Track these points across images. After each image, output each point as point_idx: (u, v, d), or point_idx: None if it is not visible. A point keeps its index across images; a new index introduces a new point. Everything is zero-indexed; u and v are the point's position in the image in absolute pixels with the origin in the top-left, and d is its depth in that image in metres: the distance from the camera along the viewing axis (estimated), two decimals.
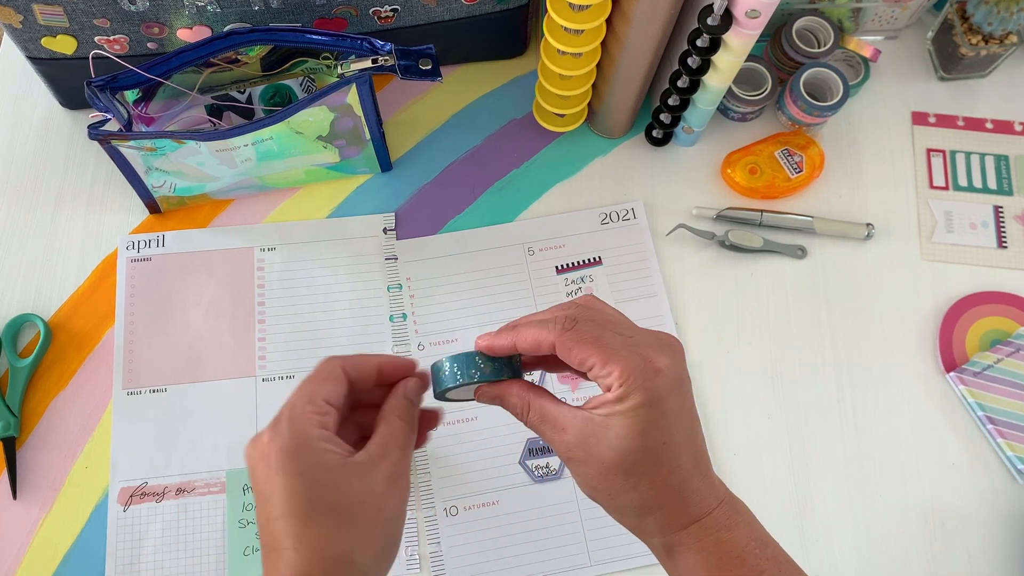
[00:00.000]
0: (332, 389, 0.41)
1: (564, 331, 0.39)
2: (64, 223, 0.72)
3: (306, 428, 0.39)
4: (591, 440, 0.39)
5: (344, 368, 0.42)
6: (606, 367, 0.38)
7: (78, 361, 0.67)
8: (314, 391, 0.41)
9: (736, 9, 0.58)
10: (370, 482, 0.39)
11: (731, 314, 0.71)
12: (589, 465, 0.39)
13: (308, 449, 0.39)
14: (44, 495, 0.63)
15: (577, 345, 0.39)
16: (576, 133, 0.76)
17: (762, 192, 0.74)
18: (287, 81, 0.70)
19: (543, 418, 0.41)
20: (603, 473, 0.39)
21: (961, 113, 0.79)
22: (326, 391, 0.41)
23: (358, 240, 0.72)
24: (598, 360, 0.38)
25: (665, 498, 0.39)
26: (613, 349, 0.38)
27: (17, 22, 0.62)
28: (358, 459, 0.39)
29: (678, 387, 0.39)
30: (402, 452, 0.41)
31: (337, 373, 0.42)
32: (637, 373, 0.38)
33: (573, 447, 0.39)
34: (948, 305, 0.71)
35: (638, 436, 0.38)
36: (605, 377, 0.38)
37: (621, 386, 0.38)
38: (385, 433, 0.41)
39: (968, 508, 0.65)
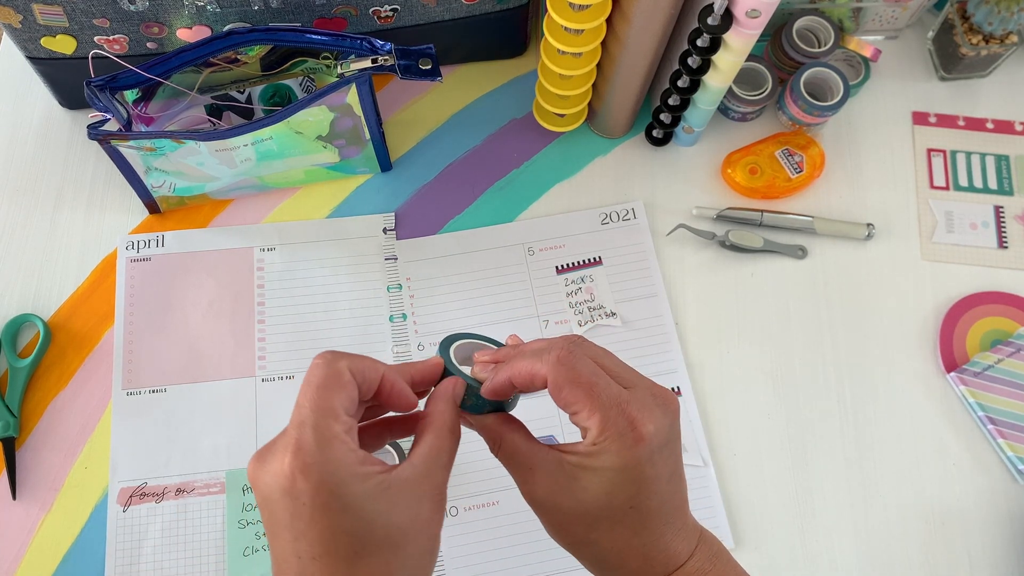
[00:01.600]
0: (347, 396, 0.35)
1: (559, 365, 0.36)
2: (64, 223, 0.72)
3: (340, 452, 0.33)
4: (558, 484, 0.37)
5: (352, 371, 0.36)
6: (591, 418, 0.36)
7: (78, 361, 0.67)
8: (331, 402, 0.34)
9: (736, 9, 0.58)
10: (418, 506, 0.34)
11: (731, 314, 0.71)
12: (551, 512, 0.38)
13: (349, 478, 0.33)
14: (44, 495, 0.63)
15: (568, 386, 0.36)
16: (576, 133, 0.76)
17: (762, 192, 0.74)
18: (287, 81, 0.70)
19: (514, 453, 0.38)
20: (565, 521, 0.37)
21: (962, 113, 0.79)
22: (343, 400, 0.35)
23: (358, 240, 0.72)
24: (584, 408, 0.36)
25: (627, 557, 0.37)
26: (601, 401, 0.36)
27: (17, 22, 0.62)
28: (403, 477, 0.34)
29: (659, 451, 0.36)
30: (446, 470, 0.37)
31: (347, 377, 0.36)
32: (617, 435, 0.35)
33: (538, 488, 0.37)
34: (948, 305, 0.71)
35: (603, 495, 0.36)
36: (588, 428, 0.36)
37: (595, 444, 0.36)
38: (433, 447, 0.36)
39: (968, 508, 0.65)
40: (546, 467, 0.37)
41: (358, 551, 0.33)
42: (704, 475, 0.65)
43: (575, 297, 0.70)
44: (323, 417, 0.34)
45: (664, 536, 0.37)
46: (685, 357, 0.69)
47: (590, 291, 0.71)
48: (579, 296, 0.71)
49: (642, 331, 0.70)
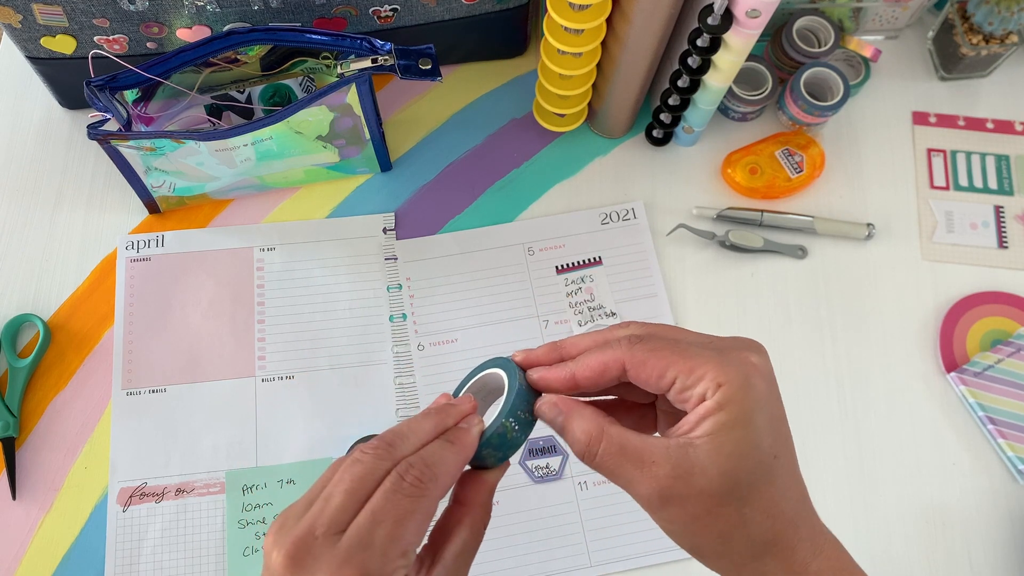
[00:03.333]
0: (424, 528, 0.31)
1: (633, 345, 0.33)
2: (63, 223, 0.72)
3: None
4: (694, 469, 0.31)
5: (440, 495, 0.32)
6: (694, 374, 0.32)
7: (77, 361, 0.67)
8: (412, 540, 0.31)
9: (736, 9, 0.58)
10: None
11: (731, 314, 0.71)
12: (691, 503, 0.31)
13: None
14: (43, 495, 0.63)
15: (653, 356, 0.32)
16: (576, 133, 0.76)
17: (762, 192, 0.74)
18: (287, 81, 0.70)
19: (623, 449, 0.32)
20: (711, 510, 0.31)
21: (962, 113, 0.79)
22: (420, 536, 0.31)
23: (358, 240, 0.72)
24: (683, 368, 0.32)
25: (780, 527, 0.32)
26: (696, 353, 0.32)
27: (16, 22, 0.62)
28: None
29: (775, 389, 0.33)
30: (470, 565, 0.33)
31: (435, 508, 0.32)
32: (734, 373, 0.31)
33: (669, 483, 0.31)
34: (949, 305, 0.71)
35: (752, 450, 0.31)
36: (694, 386, 0.32)
37: (719, 388, 0.31)
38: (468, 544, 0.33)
39: (968, 508, 0.65)
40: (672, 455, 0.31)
41: None
42: None
43: (575, 297, 0.70)
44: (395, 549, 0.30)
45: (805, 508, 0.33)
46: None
47: (590, 291, 0.71)
48: (579, 296, 0.71)
49: None
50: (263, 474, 0.64)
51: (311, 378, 0.67)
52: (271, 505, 0.63)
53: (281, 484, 0.64)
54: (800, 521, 0.33)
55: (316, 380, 0.67)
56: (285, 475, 0.64)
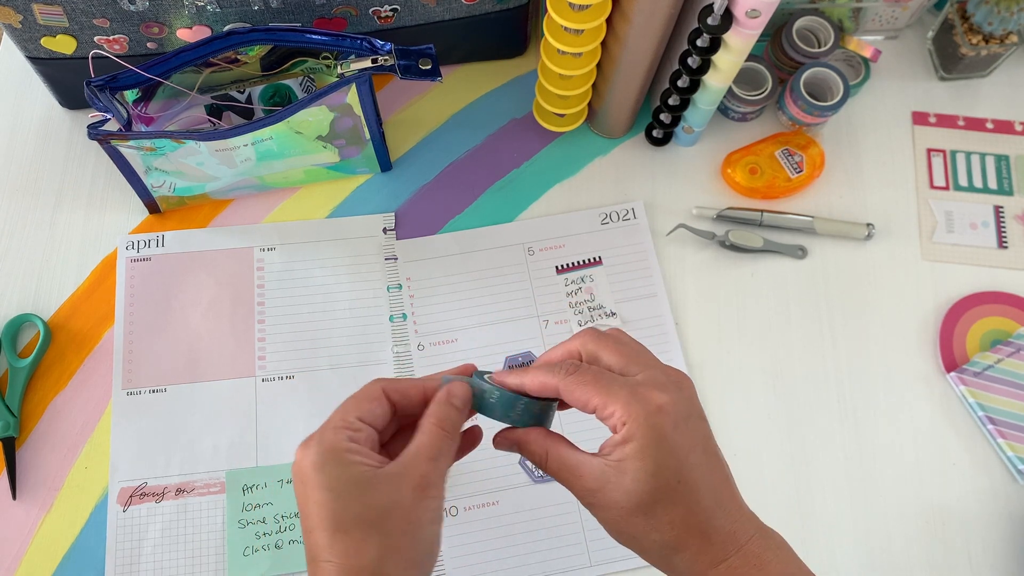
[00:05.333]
0: (369, 408, 0.41)
1: (567, 375, 0.41)
2: (64, 223, 0.72)
3: (335, 442, 0.39)
4: (607, 485, 0.39)
5: (385, 390, 0.42)
6: (606, 409, 0.39)
7: (78, 361, 0.67)
8: (349, 409, 0.41)
9: (736, 9, 0.58)
10: (397, 492, 0.38)
11: (731, 314, 0.71)
12: (609, 510, 0.39)
13: (335, 462, 0.39)
14: (44, 495, 0.63)
15: (579, 389, 0.40)
16: (576, 133, 0.76)
17: (762, 192, 0.74)
18: (287, 81, 0.70)
19: (561, 465, 0.41)
20: (623, 517, 0.39)
21: (961, 113, 0.79)
22: (362, 410, 0.41)
23: (358, 240, 0.72)
24: (599, 403, 0.39)
25: (688, 538, 0.39)
26: (612, 391, 0.39)
27: (17, 22, 0.62)
28: (388, 470, 0.39)
29: (684, 423, 0.39)
30: (434, 462, 0.40)
31: (376, 394, 0.42)
32: (637, 412, 0.38)
33: (591, 493, 0.40)
34: (948, 305, 0.71)
35: (650, 477, 0.38)
36: (607, 419, 0.39)
37: (624, 425, 0.38)
38: (418, 442, 0.40)
39: (968, 508, 0.65)
40: (592, 470, 0.40)
41: (337, 525, 0.37)
42: None
43: (575, 297, 0.71)
44: (336, 419, 0.40)
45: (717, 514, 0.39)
46: (685, 357, 0.69)
47: (590, 291, 0.71)
48: (579, 296, 0.71)
49: (642, 331, 0.69)
50: (263, 474, 0.64)
51: (311, 378, 0.67)
52: (271, 505, 0.63)
53: (281, 484, 0.64)
54: (711, 529, 0.39)
55: (316, 380, 0.67)
56: (285, 475, 0.64)
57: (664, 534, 0.39)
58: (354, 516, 0.38)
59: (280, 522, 0.63)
